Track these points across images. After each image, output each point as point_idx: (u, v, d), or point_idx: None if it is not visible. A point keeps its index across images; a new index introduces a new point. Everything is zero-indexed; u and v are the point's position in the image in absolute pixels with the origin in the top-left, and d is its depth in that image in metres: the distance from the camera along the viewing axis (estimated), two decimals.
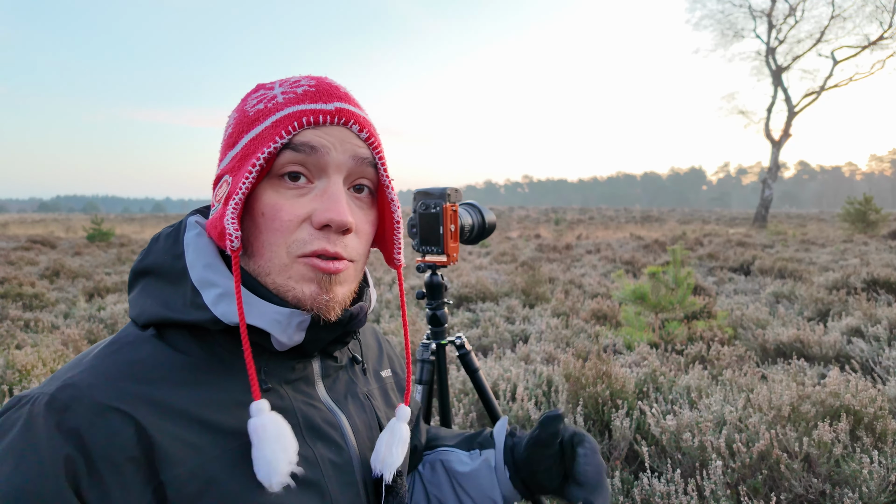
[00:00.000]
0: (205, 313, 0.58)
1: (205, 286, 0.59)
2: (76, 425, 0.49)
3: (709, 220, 38.65)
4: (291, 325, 0.59)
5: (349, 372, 0.74)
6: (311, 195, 0.59)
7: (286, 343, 0.60)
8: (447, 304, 1.39)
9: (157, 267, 0.62)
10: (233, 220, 0.57)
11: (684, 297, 3.99)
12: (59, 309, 5.72)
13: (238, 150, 0.61)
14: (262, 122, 0.60)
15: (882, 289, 5.47)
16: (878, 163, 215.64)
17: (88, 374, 0.54)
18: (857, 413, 2.06)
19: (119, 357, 0.56)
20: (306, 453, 0.61)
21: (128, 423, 0.51)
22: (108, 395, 0.52)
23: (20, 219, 46.03)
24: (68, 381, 0.53)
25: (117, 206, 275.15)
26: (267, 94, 0.62)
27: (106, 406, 0.51)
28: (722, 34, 33.70)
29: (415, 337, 3.85)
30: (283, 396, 0.62)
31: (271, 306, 0.58)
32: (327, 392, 0.69)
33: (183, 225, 0.64)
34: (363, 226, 0.64)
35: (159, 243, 0.64)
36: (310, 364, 0.67)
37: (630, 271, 8.62)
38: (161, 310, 0.59)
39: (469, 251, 12.42)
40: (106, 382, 0.53)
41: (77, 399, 0.51)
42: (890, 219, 19.46)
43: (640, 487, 1.88)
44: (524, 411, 2.51)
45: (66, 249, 13.11)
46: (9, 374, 2.86)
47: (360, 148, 0.61)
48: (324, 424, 0.64)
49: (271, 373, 0.62)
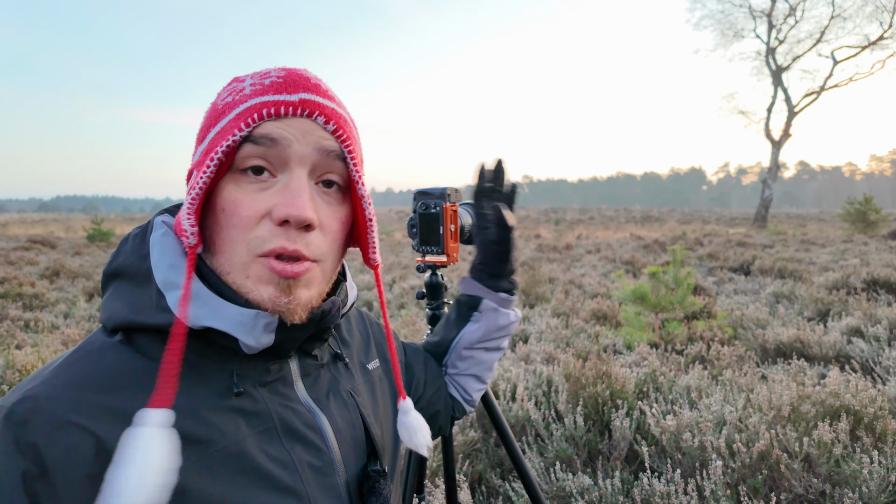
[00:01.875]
0: (168, 315, 0.55)
1: (168, 288, 0.56)
2: (34, 440, 0.47)
3: (709, 220, 38.66)
4: (258, 326, 0.56)
5: (331, 369, 0.72)
6: (273, 189, 0.57)
7: (254, 346, 0.57)
8: (447, 305, 1.39)
9: (126, 268, 0.60)
10: (189, 216, 0.55)
11: (684, 297, 3.99)
12: (59, 309, 5.72)
13: (206, 144, 0.59)
14: (227, 114, 0.58)
15: (882, 289, 5.47)
16: (878, 163, 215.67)
17: (48, 386, 0.51)
18: (857, 413, 2.06)
19: (82, 366, 0.54)
20: (283, 457, 0.59)
21: (87, 438, 0.49)
22: (67, 407, 0.50)
23: (20, 219, 46.04)
24: (28, 394, 0.50)
25: (117, 206, 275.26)
26: (237, 87, 0.60)
27: (64, 420, 0.49)
28: (722, 34, 33.74)
29: (415, 337, 3.85)
30: (258, 400, 0.60)
31: (236, 308, 0.56)
32: (307, 391, 0.66)
33: (150, 225, 0.62)
34: (330, 222, 0.60)
35: (128, 244, 0.61)
36: (287, 364, 0.65)
37: (630, 271, 8.62)
38: (129, 313, 0.56)
39: (469, 251, 12.39)
40: (65, 394, 0.51)
41: (35, 412, 0.49)
42: (890, 219, 19.46)
43: (640, 487, 1.88)
44: (524, 411, 2.51)
45: (66, 249, 13.12)
46: (9, 375, 2.86)
47: (325, 140, 0.59)
48: (302, 427, 0.62)
49: (244, 375, 0.59)
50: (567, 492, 1.98)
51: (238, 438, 0.56)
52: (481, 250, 0.96)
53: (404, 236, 19.47)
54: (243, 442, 0.56)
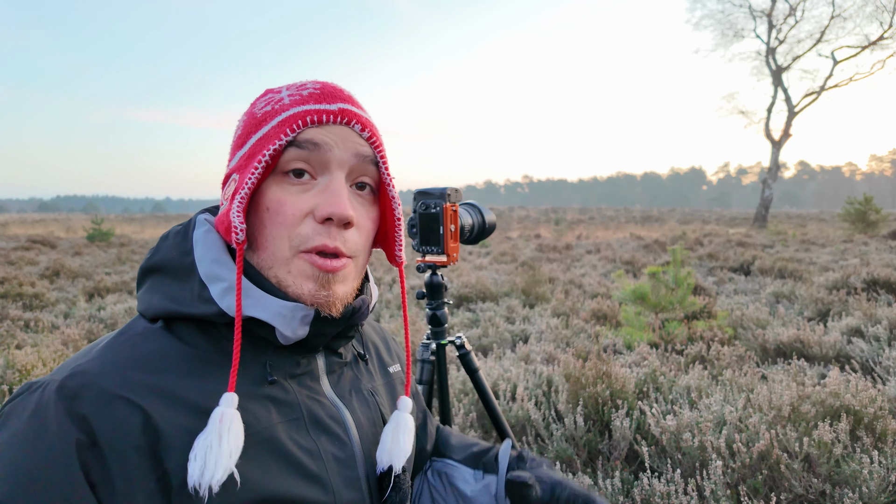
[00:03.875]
0: (211, 307, 0.59)
1: (212, 280, 0.60)
2: (84, 412, 0.50)
3: (709, 220, 38.65)
4: (296, 318, 0.60)
5: (354, 369, 0.76)
6: (314, 191, 0.61)
7: (290, 337, 0.61)
8: (447, 304, 1.39)
9: (165, 263, 0.64)
10: (238, 214, 0.59)
11: (684, 297, 3.99)
12: (59, 309, 5.72)
13: (246, 149, 0.63)
14: (269, 122, 0.62)
15: (882, 289, 5.47)
16: (878, 163, 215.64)
17: (97, 363, 0.55)
18: (857, 413, 2.06)
19: (128, 347, 0.57)
20: (310, 447, 0.62)
21: (134, 412, 0.52)
22: (115, 383, 0.53)
23: (20, 219, 46.04)
24: (78, 369, 0.54)
25: (117, 206, 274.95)
26: (274, 98, 0.64)
27: (113, 395, 0.52)
28: (722, 34, 33.69)
29: (415, 337, 3.85)
30: (288, 390, 0.63)
31: (276, 300, 0.60)
32: (332, 388, 0.70)
33: (192, 222, 0.66)
34: (364, 221, 0.66)
35: (168, 241, 0.65)
36: (314, 359, 0.68)
37: (630, 271, 8.62)
38: (168, 304, 0.60)
39: (469, 251, 12.42)
40: (114, 371, 0.54)
41: (86, 387, 0.52)
42: (890, 219, 19.46)
43: (640, 487, 1.88)
44: (524, 411, 2.51)
45: (66, 249, 13.11)
46: (9, 374, 2.85)
47: (361, 146, 0.64)
48: (327, 419, 0.65)
49: (276, 367, 0.63)
50: None
51: (270, 424, 0.59)
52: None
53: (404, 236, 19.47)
54: (275, 428, 0.60)
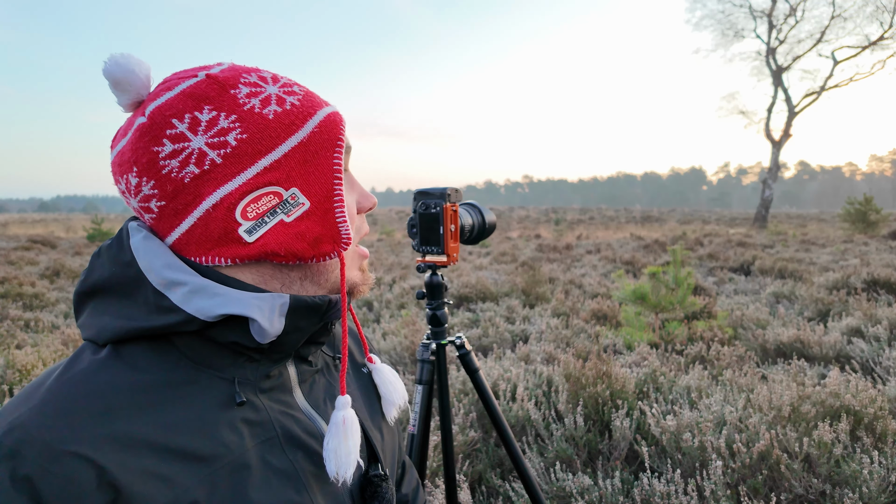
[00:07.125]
0: (174, 315, 0.53)
1: (170, 287, 0.54)
2: (28, 473, 0.44)
3: (709, 220, 38.65)
4: (274, 308, 0.55)
5: (326, 375, 0.71)
6: (347, 186, 0.65)
7: (268, 330, 0.55)
8: (447, 305, 1.39)
9: (106, 281, 0.57)
10: (345, 221, 0.61)
11: (684, 297, 3.99)
12: (59, 309, 5.72)
13: (278, 156, 0.56)
14: (302, 125, 0.58)
15: (882, 289, 5.47)
16: (878, 163, 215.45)
17: (37, 413, 0.48)
18: (857, 413, 2.06)
19: (71, 387, 0.50)
20: (286, 467, 0.58)
21: (86, 468, 0.46)
22: (61, 436, 0.46)
23: (20, 219, 46.06)
24: (16, 422, 0.47)
25: (117, 206, 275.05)
26: (269, 96, 0.57)
27: (59, 450, 0.46)
28: (722, 34, 33.69)
29: (415, 337, 3.85)
30: (259, 408, 0.58)
31: (247, 293, 0.55)
32: (305, 398, 0.66)
33: (124, 231, 0.59)
34: None
35: (101, 258, 0.59)
36: (285, 369, 0.64)
37: (630, 271, 8.62)
38: (125, 322, 0.54)
39: (469, 251, 12.42)
40: (58, 421, 0.47)
41: (26, 443, 0.45)
42: (890, 219, 19.46)
43: (640, 487, 1.88)
44: (524, 411, 2.51)
45: (66, 249, 13.12)
46: (9, 374, 2.86)
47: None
48: (303, 434, 0.61)
49: (243, 382, 0.58)
50: (567, 492, 1.98)
51: (243, 451, 0.55)
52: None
53: (404, 236, 19.47)
54: (247, 454, 0.56)
